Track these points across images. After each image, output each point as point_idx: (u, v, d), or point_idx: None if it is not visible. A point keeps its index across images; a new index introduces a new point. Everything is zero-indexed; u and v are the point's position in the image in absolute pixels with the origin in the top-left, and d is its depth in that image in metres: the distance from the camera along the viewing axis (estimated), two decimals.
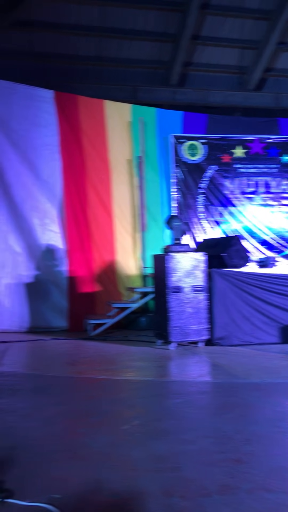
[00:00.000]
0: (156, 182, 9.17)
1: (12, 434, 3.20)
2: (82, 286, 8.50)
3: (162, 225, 8.86)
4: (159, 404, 3.91)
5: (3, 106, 8.56)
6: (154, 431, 3.23)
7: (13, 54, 10.11)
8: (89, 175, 8.85)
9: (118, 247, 8.85)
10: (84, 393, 4.30)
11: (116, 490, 2.40)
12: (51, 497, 2.33)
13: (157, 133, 9.29)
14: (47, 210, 8.56)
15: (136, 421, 3.43)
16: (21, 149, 8.56)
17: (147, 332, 7.73)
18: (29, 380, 4.87)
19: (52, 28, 9.81)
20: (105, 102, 9.16)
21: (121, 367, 5.37)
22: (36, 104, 8.73)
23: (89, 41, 10.22)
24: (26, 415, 3.60)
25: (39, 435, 3.17)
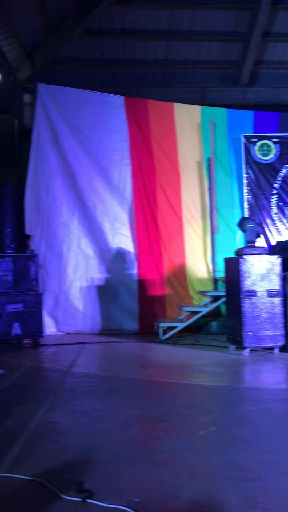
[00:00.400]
0: (227, 183, 9.03)
1: (90, 436, 3.25)
2: (152, 289, 8.54)
3: (234, 228, 8.70)
4: (235, 411, 3.83)
5: (76, 113, 8.82)
6: (231, 438, 3.16)
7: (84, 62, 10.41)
8: (159, 179, 8.89)
9: (188, 250, 8.81)
10: (158, 397, 4.30)
11: (195, 497, 2.37)
12: (131, 500, 2.34)
13: (227, 134, 9.16)
14: (117, 214, 8.70)
15: (212, 427, 3.37)
16: (92, 155, 8.78)
17: (218, 336, 7.61)
18: (103, 381, 4.95)
19: (121, 35, 9.97)
20: (174, 105, 9.18)
21: (193, 372, 5.32)
22: (106, 110, 8.92)
23: (158, 45, 10.29)
24: (102, 417, 3.65)
25: (116, 438, 3.20)
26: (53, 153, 8.74)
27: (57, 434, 3.30)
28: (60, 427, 3.45)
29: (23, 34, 9.08)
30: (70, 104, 8.82)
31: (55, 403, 4.05)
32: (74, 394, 4.38)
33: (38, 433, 3.31)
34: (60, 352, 6.73)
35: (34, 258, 7.12)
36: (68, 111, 8.80)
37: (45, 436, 3.26)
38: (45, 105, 8.79)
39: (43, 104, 8.79)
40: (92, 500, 2.33)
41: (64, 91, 8.98)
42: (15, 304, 6.83)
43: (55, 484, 2.49)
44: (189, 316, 8.04)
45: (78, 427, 3.43)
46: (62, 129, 8.75)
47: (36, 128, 8.78)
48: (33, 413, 3.74)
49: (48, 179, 8.69)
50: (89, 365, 5.90)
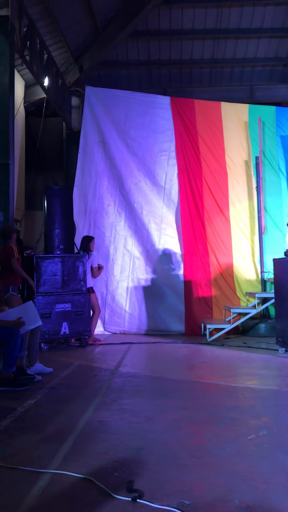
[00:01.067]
0: (276, 182, 8.84)
1: (138, 436, 3.25)
2: (198, 290, 8.48)
3: (283, 228, 8.51)
4: (285, 415, 3.73)
5: (122, 115, 8.89)
6: (283, 443, 3.08)
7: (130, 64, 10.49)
8: (206, 179, 8.81)
9: (235, 250, 8.69)
10: (206, 399, 4.25)
11: (247, 502, 2.32)
12: (181, 502, 2.31)
13: (276, 132, 8.97)
14: (164, 215, 8.70)
15: (263, 431, 3.29)
16: (138, 156, 8.82)
17: (267, 339, 7.47)
18: (150, 382, 4.95)
19: (167, 35, 9.99)
20: (221, 104, 9.08)
21: (242, 374, 5.23)
22: (153, 111, 8.94)
23: (204, 44, 10.24)
24: (150, 418, 3.65)
25: (165, 439, 3.18)
26: (100, 155, 8.85)
27: (106, 433, 3.32)
28: (109, 426, 3.47)
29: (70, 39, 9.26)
30: (117, 105, 8.90)
31: (103, 402, 4.08)
32: (122, 393, 4.40)
33: (87, 432, 3.35)
34: (107, 352, 6.79)
35: (83, 258, 7.22)
36: (115, 113, 8.88)
37: (94, 434, 3.29)
38: (93, 108, 8.91)
39: (91, 106, 8.91)
40: (143, 500, 2.33)
41: (111, 93, 9.08)
42: (63, 303, 6.96)
43: (105, 483, 2.50)
44: (237, 318, 7.92)
45: (127, 427, 3.44)
46: (109, 131, 8.84)
47: (84, 130, 8.92)
48: (82, 412, 3.78)
49: (95, 180, 8.81)
50: (136, 365, 5.91)
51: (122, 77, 10.65)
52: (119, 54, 10.29)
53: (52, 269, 6.96)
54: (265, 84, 10.59)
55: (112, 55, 10.24)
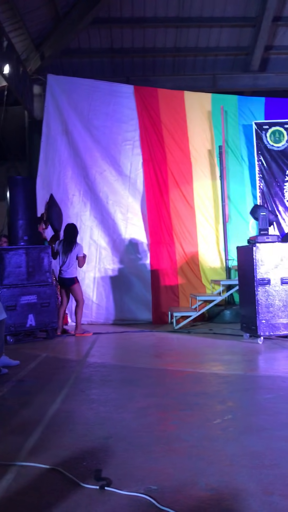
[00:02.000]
0: (239, 171, 8.96)
1: (106, 425, 3.27)
2: (165, 278, 8.54)
3: (246, 216, 8.65)
4: (250, 399, 3.82)
5: (85, 104, 8.79)
6: (247, 426, 3.16)
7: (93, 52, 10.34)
8: (170, 168, 8.84)
9: (200, 239, 8.78)
10: (173, 386, 4.31)
11: (213, 484, 2.37)
12: (149, 488, 2.35)
13: (238, 121, 9.07)
14: (129, 205, 8.69)
15: (228, 415, 3.37)
16: (103, 145, 8.75)
17: (232, 325, 7.61)
18: (118, 371, 4.97)
19: (129, 23, 9.88)
20: (184, 93, 9.10)
21: (208, 361, 5.32)
22: (116, 100, 8.87)
23: (167, 32, 10.18)
24: (119, 406, 3.67)
25: (133, 426, 3.21)
26: (64, 144, 8.74)
27: (74, 423, 3.33)
28: (77, 416, 3.47)
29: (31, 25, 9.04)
30: (79, 94, 8.79)
31: (71, 393, 4.08)
32: (90, 383, 4.41)
33: (55, 423, 3.34)
34: (74, 343, 6.77)
35: (47, 249, 7.14)
36: (78, 102, 8.77)
37: (62, 425, 3.29)
38: (55, 96, 8.77)
39: (53, 95, 8.77)
40: (110, 488, 2.35)
41: (73, 82, 8.96)
42: (29, 295, 6.88)
43: (73, 473, 2.51)
44: (203, 305, 8.04)
45: (95, 417, 3.45)
46: (72, 120, 8.74)
47: (46, 119, 8.78)
48: (50, 403, 3.77)
49: (59, 170, 8.70)
50: (104, 355, 5.92)
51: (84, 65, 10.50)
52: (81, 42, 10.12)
53: (16, 261, 6.86)
54: (228, 73, 10.64)
55: (74, 42, 10.06)
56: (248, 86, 10.53)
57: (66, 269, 7.30)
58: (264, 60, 10.47)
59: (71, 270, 7.32)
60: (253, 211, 6.79)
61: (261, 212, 6.48)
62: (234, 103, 9.11)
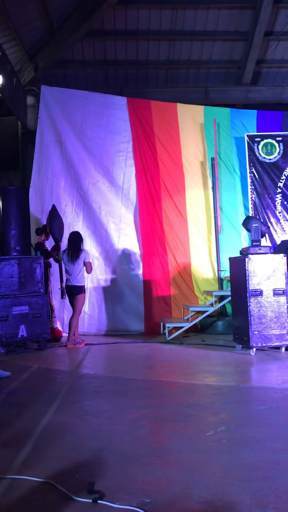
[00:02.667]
0: (231, 183, 9.02)
1: (99, 437, 3.26)
2: (157, 289, 8.54)
3: (238, 227, 8.70)
4: (243, 410, 3.82)
5: (79, 115, 8.83)
6: (240, 438, 3.16)
7: (86, 63, 10.42)
8: (163, 179, 8.88)
9: (193, 250, 8.81)
10: (165, 397, 4.30)
11: (206, 497, 2.36)
12: (142, 501, 2.33)
13: (231, 133, 9.15)
14: (122, 215, 8.71)
15: (221, 427, 3.37)
16: (96, 156, 8.79)
17: (224, 336, 7.62)
18: (110, 382, 4.95)
19: (123, 36, 9.98)
20: (177, 105, 9.17)
21: (200, 372, 5.32)
22: (110, 112, 8.93)
23: (160, 45, 10.30)
24: (111, 418, 3.66)
25: (125, 438, 3.20)
26: (57, 155, 8.76)
27: (66, 435, 3.30)
28: (69, 428, 3.45)
29: (25, 37, 9.10)
30: (73, 105, 8.84)
31: (63, 405, 4.05)
32: (82, 395, 4.39)
33: (47, 435, 3.32)
34: (66, 354, 6.74)
35: (40, 260, 7.13)
36: (71, 113, 8.81)
37: (55, 437, 3.26)
38: (48, 107, 8.81)
39: (46, 106, 8.81)
40: (103, 501, 2.34)
41: (67, 93, 9.01)
42: (20, 306, 6.85)
43: (65, 486, 2.49)
44: (195, 316, 8.04)
45: (87, 428, 3.43)
46: (65, 131, 8.77)
47: (40, 130, 8.81)
48: (42, 415, 3.75)
49: (52, 180, 8.71)
50: (96, 366, 5.90)
51: (78, 77, 10.58)
52: (75, 54, 10.21)
53: (8, 271, 6.84)
54: (220, 86, 10.76)
55: (68, 54, 10.14)
56: (240, 99, 10.64)
57: (74, 277, 7.28)
58: (256, 74, 10.61)
59: (79, 277, 7.31)
60: (245, 222, 6.84)
61: (253, 223, 6.53)
62: (227, 115, 9.21)
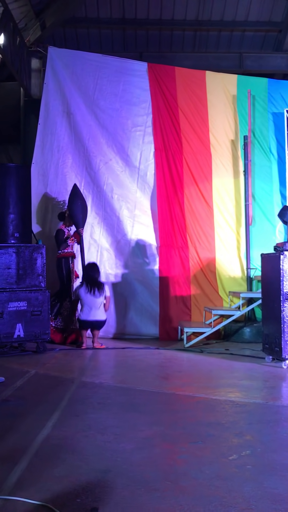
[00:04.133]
0: (266, 166, 8.97)
1: (104, 456, 3.29)
2: (175, 288, 8.55)
3: (273, 219, 8.65)
4: (272, 432, 3.82)
5: (91, 82, 8.84)
6: (268, 464, 3.16)
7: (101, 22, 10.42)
8: (187, 160, 8.86)
9: (218, 243, 8.79)
10: (182, 413, 4.31)
11: None
12: None
13: (268, 108, 9.09)
14: (138, 201, 8.71)
15: (246, 450, 3.38)
16: (109, 130, 8.80)
17: (252, 345, 7.60)
18: (118, 393, 4.99)
19: None
20: (206, 73, 9.13)
21: (223, 386, 5.32)
22: (127, 79, 8.92)
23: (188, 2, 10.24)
24: (118, 435, 3.69)
25: (135, 459, 3.22)
26: (64, 127, 8.79)
27: (67, 453, 3.34)
28: (70, 445, 3.49)
29: None
30: (85, 70, 8.84)
31: (64, 418, 4.09)
32: (85, 407, 4.43)
33: (45, 452, 3.36)
34: (69, 359, 6.79)
35: (41, 249, 7.17)
36: (82, 79, 8.82)
37: (53, 454, 3.30)
38: (56, 72, 8.83)
39: (54, 70, 8.83)
40: None
41: (78, 56, 9.01)
42: (18, 302, 6.91)
43: (65, 510, 2.52)
44: (219, 321, 8.04)
45: (91, 446, 3.46)
46: (75, 100, 8.79)
47: (45, 98, 8.84)
48: (39, 428, 3.79)
49: (58, 157, 8.75)
50: (102, 374, 5.94)
51: (91, 38, 10.58)
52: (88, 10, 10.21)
53: (5, 261, 6.90)
54: (257, 52, 10.70)
55: (80, 11, 10.15)
56: (280, 68, 10.57)
57: (96, 309, 7.51)
58: None
59: (102, 311, 7.58)
60: (282, 213, 6.81)
61: None
62: (264, 86, 9.14)
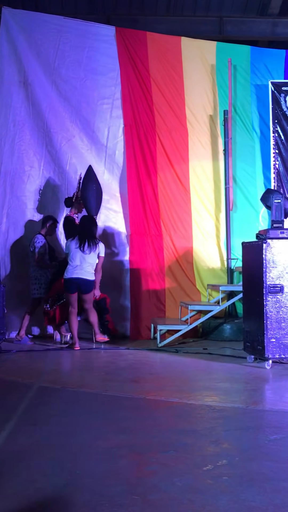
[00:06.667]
0: (249, 145, 9.04)
1: (64, 469, 3.28)
2: (148, 281, 8.57)
3: (256, 203, 8.72)
4: (252, 440, 3.87)
5: (52, 47, 8.76)
6: (246, 474, 3.20)
7: None
8: (160, 137, 8.87)
9: (196, 231, 8.84)
10: (153, 420, 4.34)
11: None
12: None
13: (251, 80, 9.14)
14: (105, 183, 8.69)
15: (223, 460, 3.41)
16: (72, 103, 8.76)
17: (233, 344, 7.68)
18: (82, 399, 4.99)
19: None
20: (182, 40, 9.12)
21: (199, 389, 5.37)
22: (92, 45, 8.88)
23: None
24: (81, 445, 3.69)
25: (99, 472, 3.23)
26: (21, 99, 8.72)
27: (22, 467, 3.33)
28: (27, 457, 3.48)
29: None
30: (44, 35, 8.77)
31: (19, 427, 4.08)
32: (44, 415, 4.42)
33: None
34: (28, 361, 6.76)
35: None
36: (42, 45, 8.75)
37: (6, 468, 3.29)
38: (11, 36, 8.73)
39: (9, 34, 8.73)
40: None
41: (37, 18, 8.92)
42: None
43: None
44: (196, 317, 8.09)
45: (50, 458, 3.46)
46: (33, 68, 8.72)
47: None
48: None
49: (14, 133, 8.67)
50: (64, 377, 5.93)
51: None
52: None
53: None
54: (239, 16, 10.70)
55: None
56: (264, 34, 10.62)
57: (85, 269, 7.37)
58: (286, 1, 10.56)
59: (92, 271, 7.45)
60: (265, 197, 6.85)
61: (275, 198, 6.55)
62: (246, 55, 9.18)
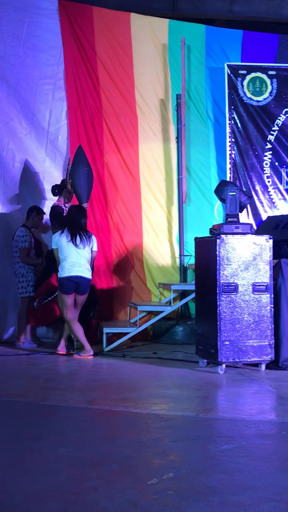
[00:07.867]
0: (204, 133, 9.11)
1: None
2: (95, 279, 8.54)
3: (211, 196, 8.80)
4: (202, 451, 3.91)
5: None
6: (193, 488, 3.23)
7: None
8: (107, 122, 8.85)
9: (146, 225, 8.86)
10: (95, 431, 4.33)
11: None
12: None
13: (206, 62, 9.20)
14: (46, 171, 8.65)
15: (169, 473, 3.43)
16: (10, 83, 8.67)
17: (185, 347, 7.74)
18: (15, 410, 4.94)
19: None
20: (131, 16, 9.12)
21: (147, 397, 5.39)
22: (33, 19, 8.79)
23: None
24: (13, 461, 3.65)
25: (32, 489, 3.20)
26: None
27: None
28: None
29: None
30: None
31: None
32: None
33: None
34: None
35: None
36: None
37: None
38: None
39: None
40: None
41: None
42: None
43: None
44: (146, 319, 8.11)
45: None
46: None
47: None
48: None
49: None
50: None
51: None
52: None
53: None
54: None
55: None
56: (221, 13, 10.66)
57: (84, 266, 7.21)
58: None
59: (89, 268, 7.30)
60: (219, 189, 6.90)
61: (230, 191, 6.61)
62: (201, 35, 9.24)
